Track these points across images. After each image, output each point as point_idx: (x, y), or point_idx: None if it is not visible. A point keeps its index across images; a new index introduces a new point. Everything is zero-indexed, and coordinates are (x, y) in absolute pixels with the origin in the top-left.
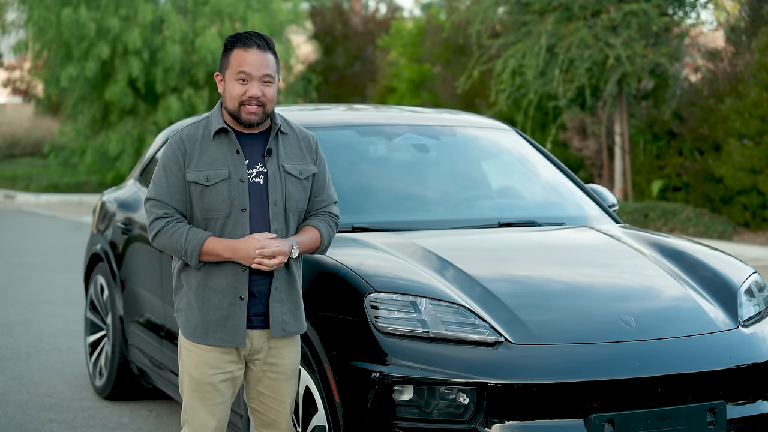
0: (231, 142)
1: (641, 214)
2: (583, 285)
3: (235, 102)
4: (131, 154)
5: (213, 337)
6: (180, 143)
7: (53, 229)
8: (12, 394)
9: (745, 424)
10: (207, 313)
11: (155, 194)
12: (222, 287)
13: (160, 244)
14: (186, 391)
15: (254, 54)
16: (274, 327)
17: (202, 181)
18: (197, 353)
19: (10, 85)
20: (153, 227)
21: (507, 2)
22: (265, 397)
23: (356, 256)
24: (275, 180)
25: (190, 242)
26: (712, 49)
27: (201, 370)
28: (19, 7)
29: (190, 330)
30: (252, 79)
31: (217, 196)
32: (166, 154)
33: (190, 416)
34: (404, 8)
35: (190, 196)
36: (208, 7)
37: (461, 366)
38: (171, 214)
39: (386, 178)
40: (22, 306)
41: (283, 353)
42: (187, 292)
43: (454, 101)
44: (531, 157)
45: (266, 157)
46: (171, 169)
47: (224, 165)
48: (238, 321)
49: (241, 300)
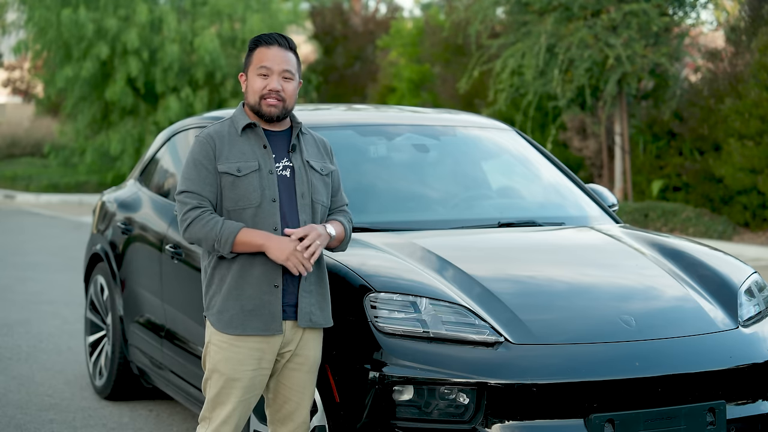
0: (258, 137)
1: (641, 214)
2: (583, 285)
3: (256, 96)
4: (131, 154)
5: (250, 326)
6: (209, 139)
7: (53, 229)
8: (12, 394)
9: (745, 424)
10: (243, 304)
11: (187, 186)
12: (256, 277)
13: (192, 234)
14: (212, 388)
15: (275, 50)
16: (302, 316)
17: (233, 171)
18: (229, 349)
19: (10, 85)
20: (187, 217)
21: (507, 2)
22: (284, 388)
23: (356, 256)
24: (301, 173)
25: (225, 229)
26: (712, 49)
27: (232, 366)
28: (19, 7)
29: (225, 323)
30: (272, 74)
31: (248, 186)
32: (196, 150)
33: (213, 412)
34: (404, 8)
35: (221, 188)
36: (207, 7)
37: (461, 366)
38: (204, 205)
39: (386, 178)
40: (22, 306)
41: (308, 344)
42: (221, 287)
43: (453, 101)
44: (531, 157)
45: (291, 152)
46: (202, 162)
47: (253, 158)
48: (273, 309)
49: (275, 288)
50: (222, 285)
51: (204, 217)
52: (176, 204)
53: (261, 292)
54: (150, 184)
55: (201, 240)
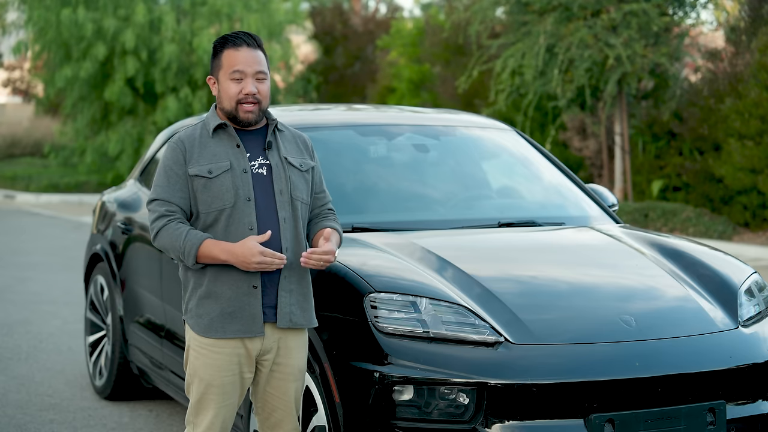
0: (231, 137)
1: (641, 214)
2: (583, 285)
3: (232, 101)
4: (131, 154)
5: (230, 329)
6: (179, 143)
7: (53, 229)
8: (12, 394)
9: (745, 424)
10: (222, 307)
11: (157, 194)
12: (234, 278)
13: (160, 243)
14: (194, 393)
15: (245, 52)
16: (281, 317)
17: (204, 174)
18: (208, 354)
19: (10, 85)
20: (154, 226)
21: (507, 2)
22: (272, 397)
23: (356, 256)
24: (279, 170)
25: (188, 241)
26: (712, 49)
27: (211, 372)
28: (19, 7)
29: (205, 327)
30: (246, 77)
31: (221, 186)
32: (166, 156)
33: (197, 418)
34: (404, 8)
35: (194, 191)
36: (206, 7)
37: (461, 366)
38: (173, 212)
39: (386, 178)
40: (22, 306)
41: (292, 353)
42: (198, 290)
43: (453, 101)
44: (531, 157)
45: (267, 150)
46: (172, 168)
47: (225, 158)
48: (254, 310)
49: (254, 289)
50: (198, 288)
51: (170, 227)
52: (148, 212)
53: (240, 294)
54: (150, 185)
55: (168, 250)
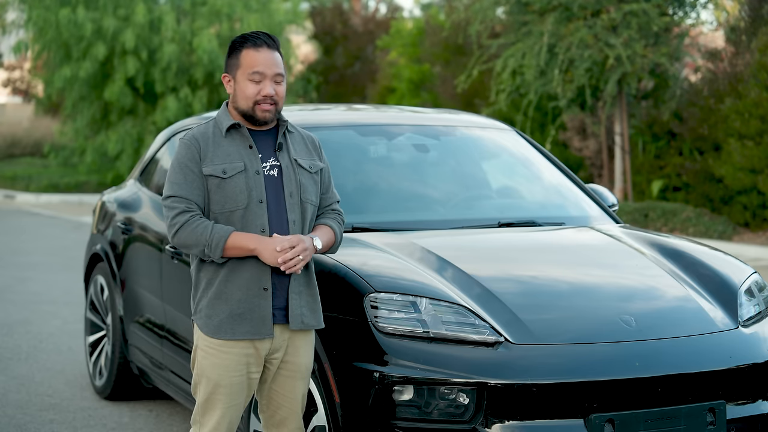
0: (243, 138)
1: (641, 214)
2: (583, 285)
3: (249, 102)
4: (131, 154)
5: (240, 330)
6: (194, 140)
7: (53, 229)
8: (12, 394)
9: (745, 424)
10: (232, 308)
11: (174, 191)
12: (245, 280)
13: (181, 239)
14: (201, 393)
15: (265, 53)
16: (293, 319)
17: (219, 174)
18: (216, 355)
19: (10, 85)
20: (175, 222)
21: (507, 2)
22: (277, 395)
23: (356, 256)
24: (289, 172)
25: (215, 233)
26: (712, 49)
27: (219, 373)
28: (19, 7)
29: (214, 328)
30: (265, 79)
31: (235, 187)
32: (181, 153)
33: (203, 417)
34: (404, 8)
35: (208, 191)
36: (206, 7)
37: (461, 366)
38: (193, 209)
39: (386, 178)
40: (22, 306)
41: (299, 351)
42: (208, 291)
43: (453, 101)
44: (531, 157)
45: (278, 151)
46: (188, 165)
47: (239, 159)
48: (263, 312)
49: (264, 291)
50: (209, 288)
51: (193, 222)
52: (164, 209)
53: (250, 296)
54: (150, 184)
55: (191, 246)
